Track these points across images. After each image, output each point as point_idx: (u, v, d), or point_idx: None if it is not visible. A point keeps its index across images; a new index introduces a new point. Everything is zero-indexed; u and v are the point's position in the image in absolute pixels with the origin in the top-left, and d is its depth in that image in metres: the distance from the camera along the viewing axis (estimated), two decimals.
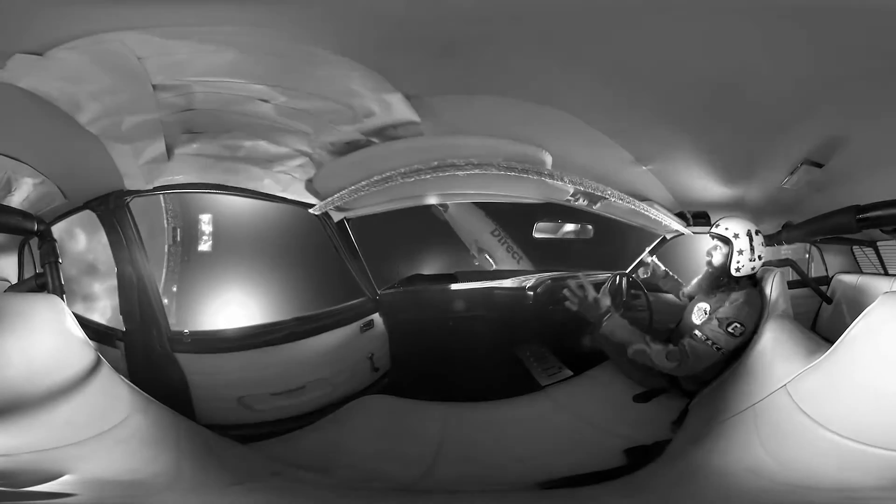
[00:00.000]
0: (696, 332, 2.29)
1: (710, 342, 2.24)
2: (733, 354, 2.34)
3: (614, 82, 1.95)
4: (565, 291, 2.35)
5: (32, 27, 1.57)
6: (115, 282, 2.38)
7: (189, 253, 2.97)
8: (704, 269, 2.52)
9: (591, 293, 2.32)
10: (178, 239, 2.88)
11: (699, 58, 1.77)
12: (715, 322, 2.27)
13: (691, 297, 2.66)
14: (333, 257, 2.99)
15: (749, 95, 1.97)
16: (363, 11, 1.62)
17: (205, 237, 2.96)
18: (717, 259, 2.45)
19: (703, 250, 2.59)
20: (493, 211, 4.88)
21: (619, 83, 1.95)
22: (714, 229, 2.48)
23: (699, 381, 2.45)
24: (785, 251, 2.90)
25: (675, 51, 1.74)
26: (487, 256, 4.87)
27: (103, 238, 2.35)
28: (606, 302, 2.34)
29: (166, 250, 2.88)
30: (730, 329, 2.24)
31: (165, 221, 2.58)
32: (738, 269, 2.40)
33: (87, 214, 2.38)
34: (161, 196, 2.74)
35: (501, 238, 4.87)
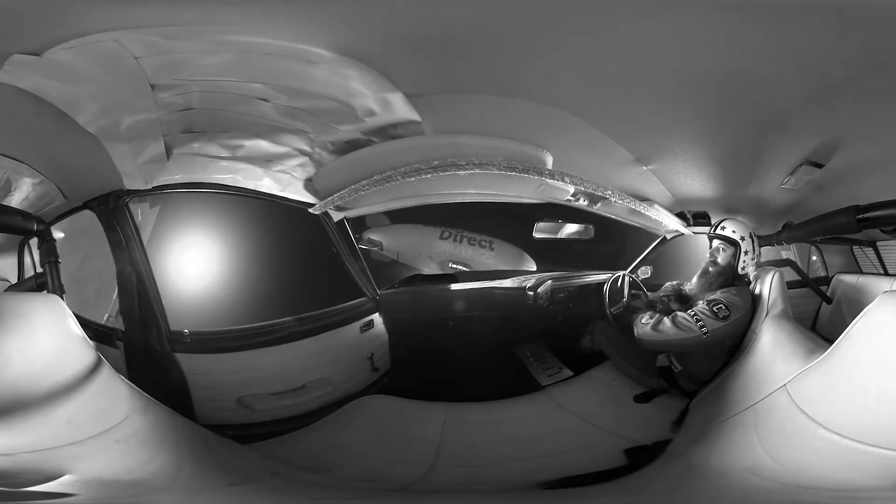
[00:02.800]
0: (689, 311, 2.43)
1: (695, 317, 2.35)
2: (728, 355, 2.35)
3: (615, 82, 1.95)
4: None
5: (30, 27, 1.56)
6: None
7: None
8: (706, 269, 2.57)
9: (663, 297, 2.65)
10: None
11: (700, 57, 1.77)
12: (703, 303, 2.41)
13: (690, 297, 2.66)
14: (333, 257, 2.98)
15: (749, 95, 1.96)
16: (363, 11, 1.61)
17: None
18: (724, 260, 2.53)
19: (703, 250, 2.63)
20: (430, 214, 4.08)
21: (620, 83, 1.95)
22: (719, 231, 2.55)
23: (699, 381, 2.45)
24: (786, 253, 2.90)
25: (676, 50, 1.74)
26: (453, 265, 4.16)
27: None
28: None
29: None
30: (714, 308, 2.34)
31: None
32: (743, 269, 2.51)
33: (87, 214, 2.37)
34: None
35: (456, 237, 4.16)
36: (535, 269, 4.17)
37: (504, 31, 1.69)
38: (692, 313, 2.38)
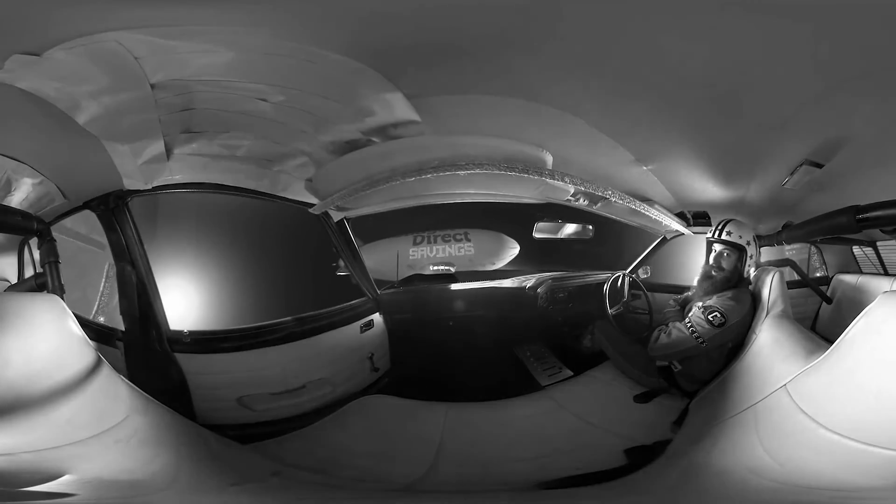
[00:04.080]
0: (686, 319, 2.44)
1: (690, 328, 2.37)
2: (728, 355, 2.35)
3: (614, 82, 1.95)
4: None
5: (30, 27, 1.56)
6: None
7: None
8: (710, 273, 2.51)
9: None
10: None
11: (699, 58, 1.77)
12: (700, 310, 2.40)
13: (688, 300, 2.66)
14: (333, 257, 2.99)
15: (749, 95, 1.97)
16: (363, 11, 1.62)
17: None
18: (728, 264, 2.48)
19: (704, 250, 2.61)
20: (394, 220, 3.76)
21: (620, 83, 1.95)
22: (724, 236, 2.49)
23: (699, 381, 2.45)
24: (789, 251, 2.90)
25: (676, 51, 1.74)
26: (435, 267, 4.03)
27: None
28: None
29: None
30: (709, 317, 2.34)
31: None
32: (747, 273, 2.50)
33: (87, 214, 2.38)
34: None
35: (429, 238, 4.07)
36: (517, 250, 4.12)
37: (504, 31, 1.69)
38: (688, 322, 2.40)
